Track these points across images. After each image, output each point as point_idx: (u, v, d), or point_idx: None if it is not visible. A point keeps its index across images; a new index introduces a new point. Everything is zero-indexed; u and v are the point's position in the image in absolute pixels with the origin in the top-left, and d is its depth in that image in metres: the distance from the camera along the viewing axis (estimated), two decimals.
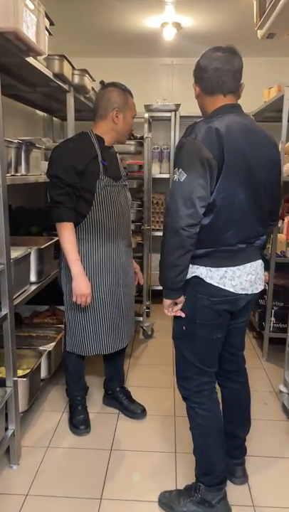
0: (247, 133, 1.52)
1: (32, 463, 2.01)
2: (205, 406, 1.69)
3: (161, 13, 3.18)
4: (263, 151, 1.56)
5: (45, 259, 2.38)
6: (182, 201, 1.46)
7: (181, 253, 1.50)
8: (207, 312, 1.59)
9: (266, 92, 3.37)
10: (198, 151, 1.43)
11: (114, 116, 2.06)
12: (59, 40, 3.51)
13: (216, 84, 1.55)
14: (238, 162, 1.48)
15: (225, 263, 1.56)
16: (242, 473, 1.91)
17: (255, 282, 1.63)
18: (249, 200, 1.54)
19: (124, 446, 2.14)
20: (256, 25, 2.64)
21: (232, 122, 1.50)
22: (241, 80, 1.60)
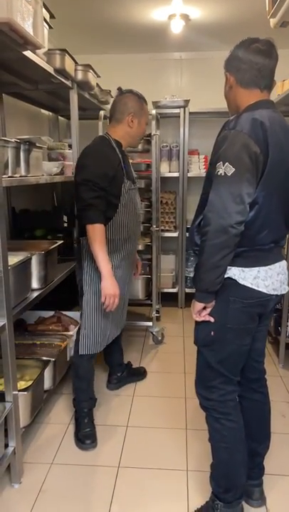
0: (283, 130, 1.45)
1: (34, 481, 1.90)
2: (231, 417, 1.60)
3: (169, 4, 3.04)
4: None
5: (48, 264, 2.27)
6: (231, 197, 1.37)
7: (226, 253, 1.41)
8: (239, 316, 1.52)
9: (280, 85, 3.21)
10: (246, 145, 1.36)
11: (130, 120, 2.14)
12: (62, 36, 3.42)
13: (255, 77, 1.47)
14: (280, 159, 1.42)
15: (257, 263, 1.49)
16: (259, 495, 1.76)
17: (283, 282, 1.57)
18: (282, 199, 1.48)
19: (133, 463, 2.02)
20: (269, 14, 2.49)
21: (271, 117, 1.42)
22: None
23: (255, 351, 1.69)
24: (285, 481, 1.89)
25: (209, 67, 4.07)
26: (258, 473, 1.78)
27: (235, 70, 1.52)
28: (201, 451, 2.09)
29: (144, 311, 3.69)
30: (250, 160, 1.36)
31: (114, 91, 3.67)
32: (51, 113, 3.88)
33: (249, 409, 1.74)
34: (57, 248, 2.42)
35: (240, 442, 1.61)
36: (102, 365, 2.99)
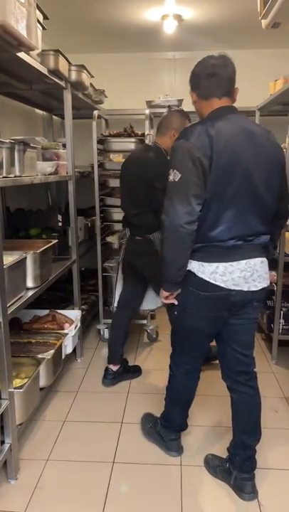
0: (242, 134, 1.57)
1: (31, 477, 1.92)
2: (176, 380, 1.96)
3: (162, 4, 3.06)
4: (262, 151, 1.59)
5: (43, 263, 2.29)
6: (179, 200, 1.53)
7: (181, 250, 1.59)
8: (196, 304, 1.68)
9: (272, 85, 3.25)
10: (190, 152, 1.51)
11: (172, 134, 2.37)
12: (56, 36, 3.43)
13: (212, 89, 1.63)
14: (230, 162, 1.53)
15: (216, 259, 1.61)
16: (251, 488, 1.81)
17: (252, 279, 1.63)
18: (245, 198, 1.57)
19: (128, 459, 2.05)
20: (260, 15, 2.51)
21: (225, 124, 1.56)
22: (235, 85, 1.68)
23: (238, 343, 1.77)
24: (277, 475, 1.93)
25: None
26: (249, 467, 1.82)
27: (195, 87, 1.69)
28: (196, 446, 2.12)
29: None
30: (193, 165, 1.50)
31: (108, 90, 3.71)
32: (45, 112, 3.90)
33: (238, 402, 1.86)
34: (51, 247, 2.44)
35: (180, 400, 1.99)
36: (97, 364, 3.03)
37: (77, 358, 3.05)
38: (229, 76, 1.64)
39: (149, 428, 2.16)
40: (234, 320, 1.73)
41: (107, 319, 3.43)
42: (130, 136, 3.17)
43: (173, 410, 2.03)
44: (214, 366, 2.85)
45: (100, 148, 3.16)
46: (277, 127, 3.66)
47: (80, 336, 3.01)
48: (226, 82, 1.63)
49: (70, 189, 2.83)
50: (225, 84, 1.63)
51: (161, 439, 2.08)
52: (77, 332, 2.83)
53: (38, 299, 2.42)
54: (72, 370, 2.91)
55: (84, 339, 3.30)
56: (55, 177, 2.54)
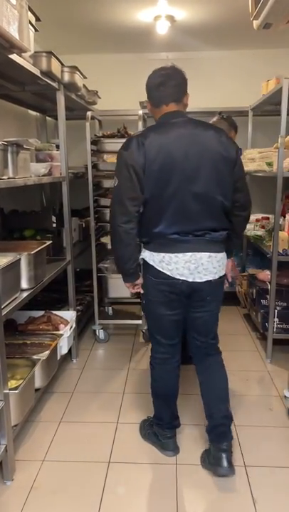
0: (180, 137, 1.72)
1: (26, 478, 1.92)
2: (156, 372, 2.04)
3: (154, 5, 3.07)
4: (206, 150, 1.73)
5: (37, 265, 2.29)
6: (116, 203, 1.76)
7: (122, 246, 1.80)
8: (152, 290, 1.87)
9: (264, 85, 3.27)
10: (125, 161, 1.72)
11: None
12: (48, 37, 3.43)
13: (160, 98, 1.81)
14: (164, 165, 1.70)
15: (163, 249, 1.78)
16: (227, 463, 1.87)
17: (197, 272, 1.78)
18: (185, 197, 1.72)
19: (123, 458, 2.05)
20: (252, 15, 2.53)
21: (164, 130, 1.75)
22: (186, 92, 1.85)
23: (198, 332, 1.97)
24: (272, 473, 1.94)
25: (195, 67, 4.10)
26: (222, 438, 1.92)
27: (149, 97, 1.87)
28: (191, 444, 2.13)
29: (134, 309, 3.72)
30: (128, 172, 1.70)
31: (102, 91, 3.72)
32: (39, 114, 3.90)
33: (201, 378, 2.04)
34: (46, 248, 2.44)
35: (160, 392, 2.05)
36: (93, 365, 3.03)
37: (73, 359, 3.06)
38: (176, 84, 1.80)
39: (147, 431, 2.18)
40: (193, 313, 1.92)
41: (102, 320, 3.45)
42: (124, 137, 3.16)
43: (157, 404, 2.09)
44: None
45: (93, 149, 3.17)
46: (270, 127, 3.73)
47: (75, 336, 3.02)
48: (172, 90, 1.80)
49: (63, 190, 2.84)
50: (172, 93, 1.80)
51: (157, 439, 2.10)
52: (72, 333, 2.83)
53: (33, 300, 2.42)
54: (67, 371, 2.91)
55: (79, 340, 3.31)
56: (49, 178, 2.55)
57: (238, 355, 3.10)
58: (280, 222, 2.91)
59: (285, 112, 2.65)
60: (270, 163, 3.08)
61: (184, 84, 1.85)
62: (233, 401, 2.49)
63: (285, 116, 2.67)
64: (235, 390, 2.63)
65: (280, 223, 2.91)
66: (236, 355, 3.09)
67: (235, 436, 2.18)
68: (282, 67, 3.31)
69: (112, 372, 2.90)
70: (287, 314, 2.96)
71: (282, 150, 2.69)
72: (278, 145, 2.73)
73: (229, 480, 1.89)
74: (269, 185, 3.03)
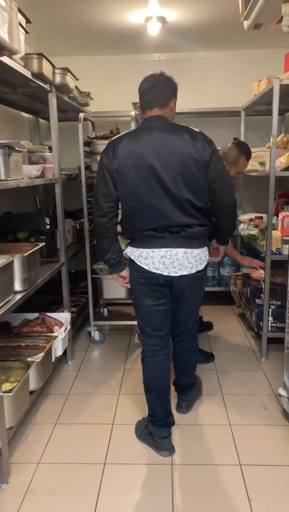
0: (152, 140, 1.85)
1: (22, 481, 1.92)
2: (146, 365, 2.14)
3: (145, 6, 3.07)
4: (174, 151, 1.84)
5: (30, 267, 2.29)
6: (94, 199, 1.99)
7: (100, 238, 2.02)
8: (135, 283, 2.03)
9: (256, 85, 3.28)
10: (102, 162, 1.92)
11: (226, 167, 2.40)
12: (40, 39, 3.44)
13: (144, 103, 1.97)
14: (135, 165, 1.85)
15: (141, 245, 1.94)
16: (186, 407, 2.38)
17: (172, 266, 1.92)
18: (156, 194, 1.86)
19: (119, 460, 2.05)
20: (242, 16, 2.54)
21: (134, 133, 1.93)
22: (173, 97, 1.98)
23: (179, 319, 2.18)
24: (268, 472, 1.95)
25: (187, 68, 4.14)
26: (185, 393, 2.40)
27: (139, 102, 2.00)
28: (186, 445, 2.14)
29: (129, 310, 3.71)
30: (103, 172, 1.91)
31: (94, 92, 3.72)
32: (32, 116, 3.89)
33: (175, 352, 2.33)
34: (39, 250, 2.44)
35: (152, 386, 2.13)
36: (88, 366, 3.03)
37: (68, 361, 3.05)
38: (161, 90, 1.94)
39: (142, 431, 2.19)
40: (176, 305, 2.10)
41: (97, 321, 3.44)
42: None
43: (150, 400, 2.15)
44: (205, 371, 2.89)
45: (86, 151, 3.17)
46: (262, 127, 3.74)
47: (70, 338, 3.01)
48: (157, 96, 1.93)
49: (57, 192, 2.83)
50: (156, 98, 1.93)
51: (153, 439, 2.11)
52: (67, 334, 2.83)
53: (27, 302, 2.41)
54: (63, 373, 2.91)
55: (75, 341, 3.30)
56: (42, 180, 2.54)
57: (233, 355, 3.11)
58: (273, 222, 2.92)
59: (277, 111, 2.67)
60: (263, 162, 3.10)
61: (170, 90, 1.96)
62: (227, 400, 2.52)
63: (277, 116, 2.69)
64: (230, 389, 2.64)
65: (273, 222, 2.92)
66: (231, 355, 3.10)
67: (230, 435, 2.19)
68: (273, 67, 3.31)
69: (107, 373, 2.90)
70: (281, 313, 2.96)
71: (274, 149, 2.71)
72: (270, 145, 2.74)
73: (225, 479, 1.90)
74: (262, 184, 3.04)
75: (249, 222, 3.53)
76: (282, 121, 4.03)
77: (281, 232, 2.90)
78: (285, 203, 3.30)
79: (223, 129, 4.16)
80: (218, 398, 2.55)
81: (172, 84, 1.98)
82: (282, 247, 2.86)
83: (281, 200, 3.32)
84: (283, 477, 1.91)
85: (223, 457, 2.04)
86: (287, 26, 2.30)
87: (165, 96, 1.95)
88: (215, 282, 4.22)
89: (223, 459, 2.03)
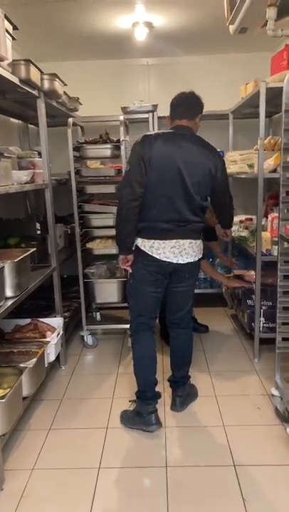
0: (182, 147, 2.17)
1: (16, 487, 1.91)
2: (138, 338, 2.36)
3: (132, 12, 3.10)
4: (195, 160, 2.17)
5: (21, 272, 2.28)
6: (126, 183, 2.16)
7: (128, 222, 2.17)
8: (141, 271, 2.25)
9: (243, 88, 3.32)
10: (138, 152, 2.15)
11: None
12: (28, 45, 3.45)
13: (174, 115, 2.29)
14: (164, 162, 2.13)
15: (153, 236, 2.19)
16: (180, 404, 2.47)
17: (180, 255, 2.21)
18: (176, 191, 2.15)
19: (113, 464, 2.05)
20: (227, 20, 2.57)
21: (168, 136, 2.20)
22: (199, 114, 2.31)
23: (175, 304, 2.41)
24: (261, 472, 1.96)
25: (175, 72, 4.17)
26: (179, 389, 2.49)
27: (170, 112, 2.32)
28: (180, 447, 2.14)
29: (122, 313, 3.73)
30: (137, 160, 2.12)
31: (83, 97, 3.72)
32: (21, 121, 3.89)
33: (173, 341, 2.51)
34: (30, 256, 2.44)
35: (143, 359, 2.35)
36: (81, 371, 3.03)
37: (61, 366, 3.05)
38: (190, 105, 2.28)
39: (129, 415, 2.35)
40: (174, 288, 2.34)
41: (90, 325, 3.45)
42: (106, 143, 3.19)
43: (140, 369, 2.35)
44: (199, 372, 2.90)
45: (76, 156, 3.18)
46: (250, 129, 3.78)
47: (63, 343, 3.01)
48: (186, 109, 2.27)
49: (47, 197, 2.84)
50: (185, 111, 2.27)
51: (141, 417, 2.29)
52: (60, 339, 2.83)
53: (19, 308, 2.41)
54: (56, 378, 2.90)
55: (68, 346, 3.30)
56: (32, 186, 2.55)
57: (226, 356, 3.12)
58: (262, 223, 2.95)
59: (264, 114, 2.70)
60: (251, 164, 3.12)
61: (198, 107, 2.31)
62: (221, 401, 2.53)
63: (264, 119, 2.72)
64: (223, 390, 2.65)
65: (262, 224, 2.95)
66: (224, 356, 3.12)
67: (224, 436, 2.21)
68: (260, 70, 3.34)
69: (101, 377, 2.90)
70: (272, 313, 2.98)
71: (262, 152, 2.74)
72: (258, 147, 2.77)
73: (219, 480, 1.91)
74: (251, 186, 3.06)
75: (239, 224, 3.56)
76: (270, 124, 4.08)
77: (271, 233, 2.93)
78: (275, 204, 3.32)
79: (212, 132, 4.20)
80: (212, 399, 2.56)
81: (199, 102, 2.32)
82: (272, 248, 2.89)
83: (270, 201, 3.35)
84: (277, 477, 1.93)
85: (217, 458, 2.05)
86: (272, 30, 2.33)
87: (193, 111, 2.29)
88: (207, 284, 4.24)
89: (217, 460, 2.03)
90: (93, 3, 2.91)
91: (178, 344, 2.50)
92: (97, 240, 3.39)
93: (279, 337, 2.32)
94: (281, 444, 2.12)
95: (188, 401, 2.52)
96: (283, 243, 2.25)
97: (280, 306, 2.29)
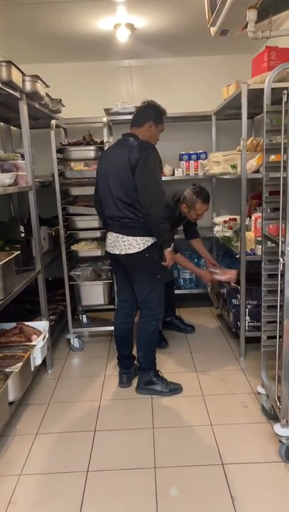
0: (110, 151, 2.60)
1: (3, 494, 1.89)
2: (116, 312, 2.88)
3: (113, 14, 3.10)
4: (115, 159, 2.46)
5: (5, 276, 2.26)
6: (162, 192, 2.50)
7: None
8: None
9: (225, 90, 3.34)
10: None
11: (183, 208, 3.14)
12: (9, 47, 3.42)
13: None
14: (100, 169, 2.57)
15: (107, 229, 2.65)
16: (126, 380, 2.77)
17: (113, 246, 2.55)
18: (107, 192, 2.51)
19: (101, 466, 2.05)
20: (208, 23, 2.59)
21: (113, 144, 2.69)
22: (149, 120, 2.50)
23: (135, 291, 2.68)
24: (249, 470, 1.97)
25: (158, 74, 4.19)
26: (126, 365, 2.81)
27: None
28: (168, 447, 2.15)
29: (108, 315, 3.72)
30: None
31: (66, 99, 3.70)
32: (3, 123, 3.85)
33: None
34: (14, 259, 2.41)
35: (115, 327, 2.84)
36: (68, 374, 3.01)
37: (48, 369, 3.03)
38: (138, 113, 2.54)
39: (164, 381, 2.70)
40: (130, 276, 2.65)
41: (76, 328, 3.43)
42: (89, 144, 3.18)
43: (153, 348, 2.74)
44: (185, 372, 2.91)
45: (59, 157, 3.16)
46: (232, 130, 3.82)
47: (49, 346, 2.99)
48: (133, 118, 2.56)
49: (30, 199, 2.81)
50: (132, 120, 2.56)
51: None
52: (46, 343, 2.80)
53: (4, 312, 2.38)
54: (43, 382, 2.88)
55: (54, 350, 3.27)
56: (15, 188, 2.52)
57: (213, 355, 3.14)
58: (246, 223, 2.98)
59: (246, 115, 2.73)
60: (234, 165, 3.15)
61: (147, 114, 2.49)
62: (208, 400, 2.55)
63: (246, 120, 2.74)
64: (210, 389, 2.67)
65: (246, 224, 2.98)
66: (211, 355, 3.14)
67: (212, 435, 2.22)
68: (242, 72, 3.39)
69: (88, 380, 2.89)
70: (257, 312, 3.00)
71: (244, 153, 2.76)
72: (240, 147, 2.79)
73: (208, 480, 1.92)
74: (235, 187, 3.09)
75: (223, 224, 3.58)
76: (252, 125, 4.12)
77: (254, 233, 2.95)
78: (258, 204, 3.36)
79: (195, 133, 4.23)
80: (199, 399, 2.57)
81: (151, 110, 2.49)
82: (256, 247, 2.92)
83: (254, 201, 3.39)
84: (265, 474, 1.94)
85: (205, 457, 2.06)
86: (253, 32, 2.36)
87: (140, 118, 2.51)
88: (193, 284, 4.26)
89: (206, 460, 2.04)
90: (74, 5, 2.90)
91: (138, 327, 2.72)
92: (82, 242, 3.37)
93: (264, 335, 2.34)
94: (268, 442, 2.14)
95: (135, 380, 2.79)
96: (267, 242, 2.27)
97: (265, 305, 2.31)
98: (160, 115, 2.54)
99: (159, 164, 2.48)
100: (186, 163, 3.99)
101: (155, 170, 2.43)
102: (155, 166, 2.43)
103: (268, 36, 2.36)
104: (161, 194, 2.44)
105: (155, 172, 2.44)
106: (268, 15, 2.40)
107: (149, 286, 2.58)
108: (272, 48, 2.74)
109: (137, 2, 2.92)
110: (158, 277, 2.58)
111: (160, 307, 2.66)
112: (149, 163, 2.37)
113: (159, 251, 2.53)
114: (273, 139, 2.27)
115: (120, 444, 2.21)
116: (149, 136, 2.51)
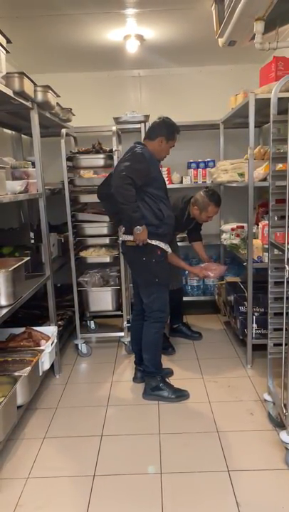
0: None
1: (11, 496, 1.91)
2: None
3: (123, 25, 3.17)
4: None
5: (15, 281, 2.30)
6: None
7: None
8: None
9: (233, 99, 3.38)
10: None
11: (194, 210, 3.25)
12: (21, 58, 3.50)
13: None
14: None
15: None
16: (139, 375, 2.89)
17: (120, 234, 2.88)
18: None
19: (108, 471, 2.06)
20: (216, 34, 2.64)
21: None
22: (161, 135, 2.63)
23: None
24: (255, 477, 1.98)
25: (166, 83, 4.24)
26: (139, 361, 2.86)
27: None
28: (174, 453, 2.15)
29: (116, 322, 3.75)
30: None
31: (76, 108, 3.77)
32: (14, 132, 3.93)
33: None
34: (24, 265, 2.46)
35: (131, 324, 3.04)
36: (76, 379, 3.03)
37: (56, 374, 3.05)
38: (151, 127, 2.69)
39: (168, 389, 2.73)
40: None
41: (84, 334, 3.46)
42: (98, 153, 3.24)
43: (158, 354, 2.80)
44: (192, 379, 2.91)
45: (69, 165, 3.21)
46: (240, 139, 3.85)
47: (57, 352, 3.01)
48: (147, 131, 2.75)
49: (40, 206, 2.87)
50: (146, 132, 2.74)
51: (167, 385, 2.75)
52: (54, 348, 2.83)
53: (13, 317, 2.42)
54: (51, 387, 2.91)
55: (62, 355, 3.30)
56: (25, 195, 2.57)
57: (219, 362, 3.15)
58: (253, 231, 2.99)
59: (253, 124, 2.76)
60: (242, 173, 3.18)
61: (159, 130, 2.62)
62: (214, 407, 2.55)
63: (253, 129, 2.78)
64: (217, 396, 2.67)
65: (253, 231, 3.00)
66: (217, 362, 3.14)
67: (218, 441, 2.22)
68: (249, 81, 3.43)
69: (95, 385, 2.91)
70: (264, 320, 3.01)
71: (252, 161, 2.79)
72: (248, 156, 2.82)
73: (213, 486, 1.92)
74: (242, 195, 3.11)
75: (231, 232, 3.60)
76: (260, 134, 4.15)
77: (262, 240, 2.97)
78: (265, 212, 3.38)
79: (203, 141, 4.27)
80: (206, 405, 2.57)
81: (163, 126, 2.61)
82: (263, 255, 2.93)
83: (261, 209, 3.40)
84: (270, 481, 1.94)
85: (211, 464, 2.06)
86: (260, 43, 2.40)
87: (152, 132, 2.65)
88: (200, 292, 4.28)
89: (212, 466, 2.05)
90: (85, 17, 2.97)
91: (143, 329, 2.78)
92: (91, 249, 3.41)
93: (271, 343, 2.35)
94: (274, 449, 2.14)
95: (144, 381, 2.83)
96: (273, 250, 2.29)
97: (271, 312, 2.32)
98: (173, 132, 2.65)
99: (139, 170, 2.49)
100: (194, 171, 4.03)
101: (131, 165, 2.47)
102: (134, 162, 2.48)
103: (275, 47, 2.40)
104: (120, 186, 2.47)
105: (129, 166, 2.47)
106: (274, 26, 2.45)
107: (150, 290, 2.67)
108: (279, 58, 2.77)
109: (147, 14, 2.98)
110: (156, 281, 2.64)
111: (162, 311, 2.71)
112: (128, 158, 2.51)
113: (157, 256, 2.61)
114: (280, 148, 2.29)
115: (127, 449, 2.22)
116: (159, 150, 2.65)
